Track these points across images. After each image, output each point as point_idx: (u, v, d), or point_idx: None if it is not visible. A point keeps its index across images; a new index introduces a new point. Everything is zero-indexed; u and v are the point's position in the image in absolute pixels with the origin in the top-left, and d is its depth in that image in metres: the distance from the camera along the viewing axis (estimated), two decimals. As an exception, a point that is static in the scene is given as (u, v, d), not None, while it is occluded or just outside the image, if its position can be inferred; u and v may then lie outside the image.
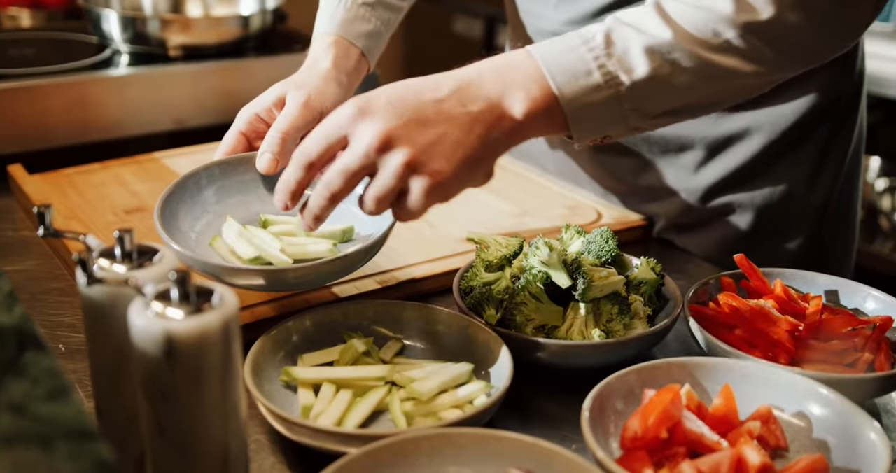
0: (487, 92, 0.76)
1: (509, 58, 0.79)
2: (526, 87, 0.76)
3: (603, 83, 0.77)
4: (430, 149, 0.74)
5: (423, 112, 0.75)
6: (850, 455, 0.72)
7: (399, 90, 0.76)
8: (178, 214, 0.92)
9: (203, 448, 0.60)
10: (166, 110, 1.54)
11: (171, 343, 0.57)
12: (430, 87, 0.76)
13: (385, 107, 0.75)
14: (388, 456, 0.68)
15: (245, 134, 0.97)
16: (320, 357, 0.84)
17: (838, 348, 0.85)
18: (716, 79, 0.80)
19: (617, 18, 0.79)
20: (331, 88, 0.98)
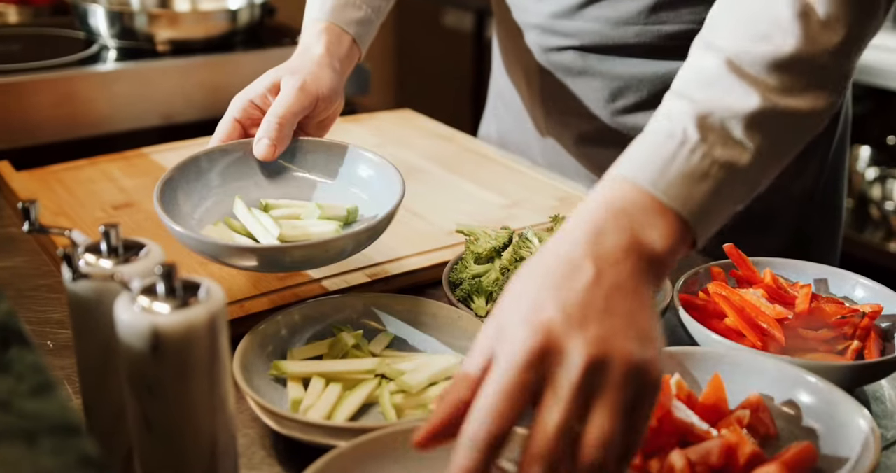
0: (626, 245, 0.62)
1: (611, 197, 0.65)
2: (654, 225, 0.64)
3: (721, 180, 0.67)
4: (630, 335, 0.59)
5: (595, 303, 0.59)
6: (840, 442, 0.72)
7: (557, 293, 0.60)
8: (179, 197, 0.92)
9: (191, 442, 0.60)
10: (154, 105, 1.53)
11: (158, 337, 0.57)
12: (574, 272, 0.61)
13: (566, 320, 0.58)
14: (377, 449, 0.68)
15: (240, 121, 0.97)
16: (310, 350, 0.84)
17: (828, 336, 0.85)
18: (796, 127, 0.72)
19: (687, 96, 0.69)
20: (325, 74, 0.97)
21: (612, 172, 0.67)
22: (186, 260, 1.02)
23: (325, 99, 0.96)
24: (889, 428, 0.80)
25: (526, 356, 0.57)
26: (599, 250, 0.62)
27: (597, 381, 0.57)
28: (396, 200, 0.88)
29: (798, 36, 0.70)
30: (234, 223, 0.93)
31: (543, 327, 0.58)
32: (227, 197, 0.96)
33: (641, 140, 0.69)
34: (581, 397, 0.56)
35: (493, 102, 1.46)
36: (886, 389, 0.85)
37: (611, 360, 0.57)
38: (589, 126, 1.23)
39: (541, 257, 0.63)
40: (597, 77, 1.18)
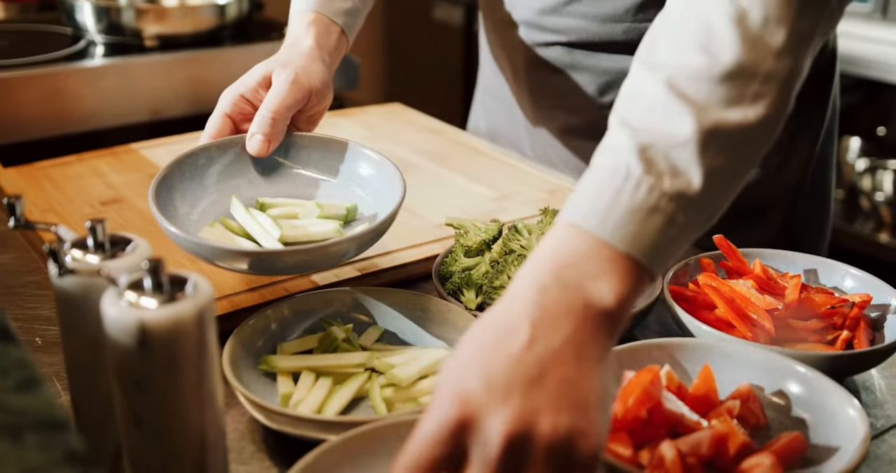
0: (568, 305, 0.59)
1: (558, 248, 0.62)
2: (603, 275, 0.60)
3: (672, 212, 0.62)
4: (562, 406, 0.56)
5: (525, 372, 0.56)
6: (830, 432, 0.72)
7: (483, 362, 0.57)
8: (175, 198, 0.89)
9: (180, 437, 0.59)
10: (142, 101, 1.53)
11: (145, 332, 0.57)
12: (507, 337, 0.58)
13: (487, 392, 0.55)
14: (368, 443, 0.68)
15: (231, 116, 0.94)
16: (299, 345, 0.83)
17: (817, 326, 0.85)
18: (745, 143, 0.66)
19: (629, 124, 0.65)
20: (316, 66, 0.95)
21: (561, 216, 0.64)
22: (175, 255, 1.01)
23: (318, 92, 0.95)
24: (879, 417, 0.80)
25: (440, 430, 0.55)
26: (538, 312, 0.58)
27: (517, 457, 0.54)
28: (398, 199, 0.86)
29: (735, 43, 0.65)
30: (232, 224, 0.91)
31: (461, 400, 0.55)
32: (222, 195, 0.94)
33: (586, 179, 0.65)
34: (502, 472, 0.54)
35: (482, 96, 1.46)
36: (876, 378, 0.86)
37: (532, 436, 0.54)
38: (577, 120, 1.23)
39: (484, 320, 0.60)
40: (584, 72, 1.18)
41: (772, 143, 0.69)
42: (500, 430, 0.54)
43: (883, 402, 0.82)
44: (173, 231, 0.81)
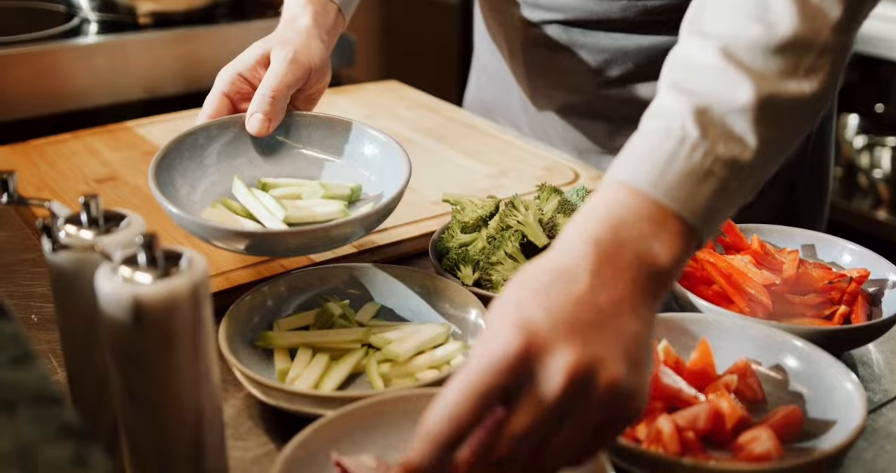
0: (626, 262, 0.58)
1: (612, 207, 0.61)
2: (658, 236, 0.60)
3: (724, 178, 0.62)
4: (621, 358, 0.55)
5: (585, 317, 0.55)
6: (827, 406, 0.72)
7: (546, 299, 0.56)
8: (175, 178, 0.88)
9: (175, 413, 0.59)
10: (137, 79, 1.52)
11: (139, 308, 0.56)
12: (566, 282, 0.57)
13: (552, 328, 0.54)
14: (365, 418, 0.68)
15: (229, 95, 0.93)
16: (296, 321, 0.83)
17: (815, 301, 0.85)
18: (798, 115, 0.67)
19: (683, 89, 0.65)
20: (315, 44, 0.93)
21: (610, 176, 0.63)
22: (171, 232, 1.01)
23: (317, 70, 0.93)
24: (876, 392, 0.80)
25: (504, 359, 0.53)
26: (597, 265, 0.57)
27: (575, 399, 0.53)
28: (404, 179, 0.85)
29: (793, 14, 0.65)
30: (234, 204, 0.90)
31: (527, 331, 0.54)
32: (223, 176, 0.92)
33: (637, 140, 0.65)
34: (556, 410, 0.53)
35: (477, 75, 1.45)
36: (874, 353, 0.86)
37: (594, 380, 0.53)
38: (575, 98, 1.22)
39: (536, 266, 0.59)
40: (582, 50, 1.17)
41: (820, 118, 0.69)
42: (565, 367, 0.53)
43: (880, 376, 0.82)
44: (175, 211, 0.80)
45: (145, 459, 0.60)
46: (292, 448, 0.63)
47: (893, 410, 0.78)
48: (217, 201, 0.90)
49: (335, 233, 0.80)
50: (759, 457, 0.66)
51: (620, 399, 0.54)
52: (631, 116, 1.18)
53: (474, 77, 1.47)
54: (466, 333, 0.82)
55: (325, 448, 0.65)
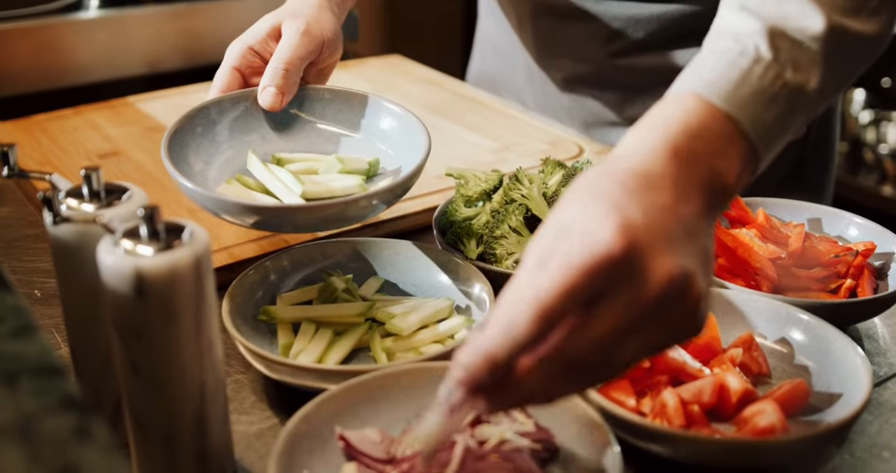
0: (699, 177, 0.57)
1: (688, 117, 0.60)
2: (727, 154, 0.60)
3: (788, 104, 0.63)
4: (709, 270, 0.56)
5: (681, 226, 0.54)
6: (833, 379, 0.72)
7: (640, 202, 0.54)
8: (188, 155, 0.86)
9: (178, 386, 0.59)
10: (138, 54, 1.51)
11: (142, 280, 0.56)
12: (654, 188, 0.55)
13: (650, 232, 0.52)
14: (368, 391, 0.68)
15: (239, 69, 0.91)
16: (299, 295, 0.83)
17: (821, 275, 0.84)
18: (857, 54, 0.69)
19: (753, 11, 0.65)
20: (327, 17, 0.91)
21: (681, 87, 0.63)
22: (173, 206, 1.01)
23: (330, 43, 0.91)
24: (882, 365, 0.79)
25: (608, 259, 0.50)
26: (678, 174, 0.56)
27: (667, 305, 0.52)
28: (424, 152, 0.84)
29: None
30: (248, 180, 0.87)
31: (629, 232, 0.51)
32: (236, 151, 0.90)
33: (709, 57, 0.64)
34: (645, 315, 0.51)
35: (481, 47, 1.44)
36: (879, 327, 0.85)
37: (689, 288, 0.52)
38: (583, 68, 1.21)
39: (615, 163, 0.57)
40: (592, 20, 1.16)
41: (871, 63, 0.71)
42: (666, 274, 0.51)
43: (886, 350, 0.82)
44: (192, 187, 0.78)
45: (149, 433, 0.60)
46: (295, 423, 0.63)
47: (899, 383, 0.77)
48: (231, 177, 0.88)
49: (355, 208, 0.78)
50: (764, 431, 0.66)
51: (701, 313, 0.54)
52: (640, 86, 1.18)
53: (478, 50, 1.46)
54: (470, 307, 0.82)
55: (329, 423, 0.65)
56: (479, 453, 0.61)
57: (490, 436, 0.62)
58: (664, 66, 1.15)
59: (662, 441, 0.64)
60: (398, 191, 0.81)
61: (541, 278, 0.50)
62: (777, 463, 0.66)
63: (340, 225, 0.83)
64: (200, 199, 0.78)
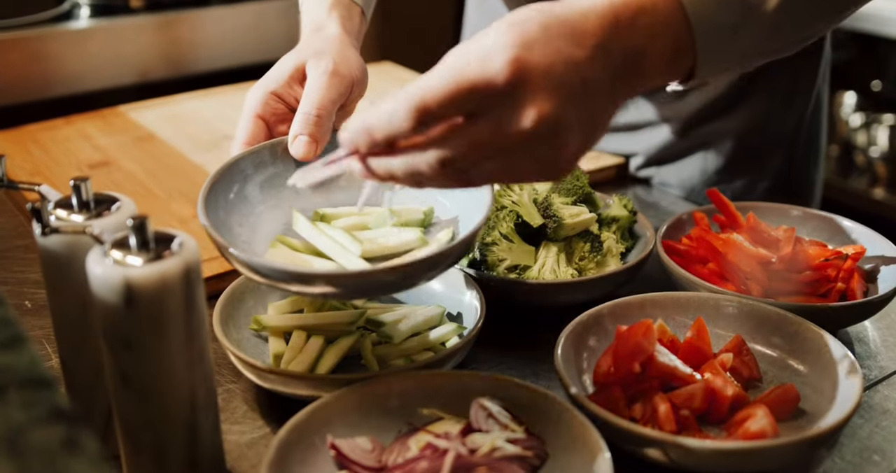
0: (632, 46, 0.60)
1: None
2: (665, 37, 0.62)
3: (738, 13, 0.64)
4: (592, 134, 0.60)
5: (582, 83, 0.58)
6: (823, 383, 0.72)
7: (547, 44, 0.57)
8: (231, 221, 0.78)
9: (169, 396, 0.59)
10: (130, 63, 1.51)
11: (131, 290, 0.56)
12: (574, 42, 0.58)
13: (545, 76, 0.56)
14: (360, 399, 0.68)
15: (263, 117, 0.83)
16: (290, 304, 0.83)
17: (811, 279, 0.85)
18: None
19: None
20: (352, 54, 0.85)
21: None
22: (164, 216, 1.01)
23: (359, 82, 0.85)
24: (872, 369, 0.80)
25: (487, 84, 0.56)
26: (605, 40, 0.59)
27: (529, 142, 0.57)
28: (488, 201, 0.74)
29: None
30: (293, 242, 0.79)
31: (521, 70, 0.56)
32: (268, 209, 0.81)
33: None
34: (507, 143, 0.57)
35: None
36: (870, 330, 0.85)
37: (554, 139, 0.57)
38: None
39: (548, 6, 0.60)
40: None
41: (833, 21, 0.71)
42: (538, 112, 0.56)
43: (876, 353, 0.82)
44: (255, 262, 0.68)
45: (140, 443, 0.60)
46: (286, 432, 0.63)
47: (889, 387, 0.77)
48: (274, 240, 0.79)
49: (431, 265, 0.68)
50: (755, 435, 0.66)
51: (563, 162, 0.59)
52: None
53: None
54: (462, 314, 0.82)
55: (320, 431, 0.65)
56: (469, 462, 0.61)
57: (481, 444, 0.62)
58: None
59: (653, 447, 0.64)
60: (467, 244, 0.71)
61: (431, 80, 0.57)
62: (768, 468, 0.66)
63: (413, 285, 0.72)
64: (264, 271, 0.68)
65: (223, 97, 1.38)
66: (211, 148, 1.20)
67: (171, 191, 1.07)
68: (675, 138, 1.18)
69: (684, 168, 1.20)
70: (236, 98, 1.38)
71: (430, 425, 0.67)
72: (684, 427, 0.68)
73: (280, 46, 0.85)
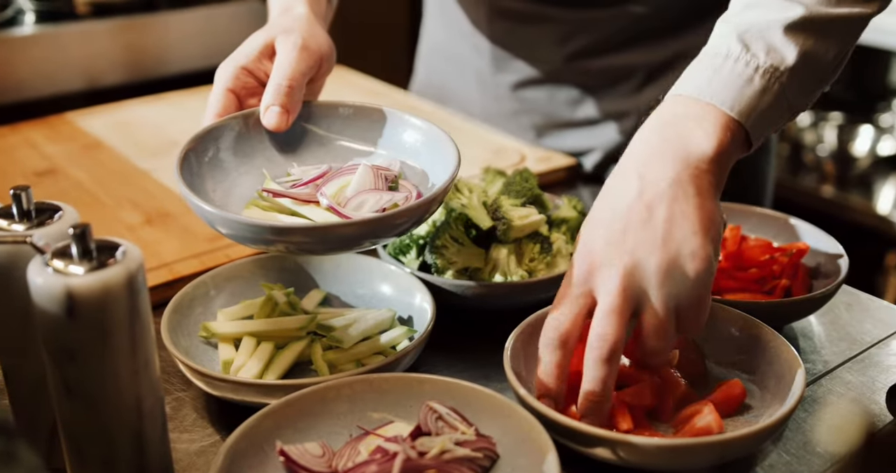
0: (671, 153, 0.68)
1: (662, 113, 0.72)
2: (700, 126, 0.69)
3: (767, 82, 0.71)
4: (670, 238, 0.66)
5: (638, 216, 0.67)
6: (768, 379, 0.73)
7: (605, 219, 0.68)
8: (206, 184, 0.79)
9: (114, 406, 0.58)
10: (77, 69, 1.49)
11: (73, 300, 0.55)
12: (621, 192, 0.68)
13: (607, 244, 0.67)
14: (309, 405, 0.68)
15: (234, 91, 0.84)
16: (240, 311, 0.82)
17: (756, 276, 0.86)
18: (849, 33, 0.76)
19: (731, 21, 0.74)
20: (319, 31, 0.87)
21: (666, 96, 0.73)
22: (114, 224, 1.00)
23: (328, 59, 0.87)
24: (816, 363, 0.81)
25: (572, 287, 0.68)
26: (643, 165, 0.67)
27: (637, 296, 0.65)
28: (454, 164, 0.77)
29: None
30: (264, 204, 0.80)
31: (588, 258, 0.67)
32: (241, 176, 0.82)
33: (692, 64, 0.74)
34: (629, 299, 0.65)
35: (427, 56, 1.45)
36: (815, 325, 0.87)
37: (645, 271, 0.65)
38: (537, 70, 1.22)
39: (607, 182, 0.71)
40: (548, 22, 1.17)
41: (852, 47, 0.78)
42: (616, 275, 0.65)
43: (821, 348, 0.83)
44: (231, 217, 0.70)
45: (86, 455, 0.60)
46: (235, 439, 0.62)
47: (832, 381, 0.79)
48: (248, 203, 0.80)
49: (394, 223, 0.72)
50: (701, 431, 0.67)
51: (680, 271, 0.66)
52: (593, 85, 1.20)
53: (423, 59, 1.46)
54: (412, 318, 0.82)
55: (270, 438, 0.65)
56: (418, 465, 0.61)
57: (430, 447, 0.63)
58: (617, 66, 1.18)
59: (601, 446, 0.64)
60: (432, 206, 0.74)
61: (597, 328, 0.66)
62: (715, 463, 0.67)
63: (379, 242, 0.74)
64: (232, 226, 0.71)
65: (173, 102, 1.37)
66: (160, 154, 1.19)
67: (119, 199, 1.06)
68: (632, 132, 1.20)
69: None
70: (187, 103, 1.37)
71: (381, 428, 0.67)
72: (633, 424, 0.69)
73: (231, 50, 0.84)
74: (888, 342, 0.84)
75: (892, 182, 2.29)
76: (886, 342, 0.84)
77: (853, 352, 0.83)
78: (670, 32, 1.16)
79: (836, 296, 0.90)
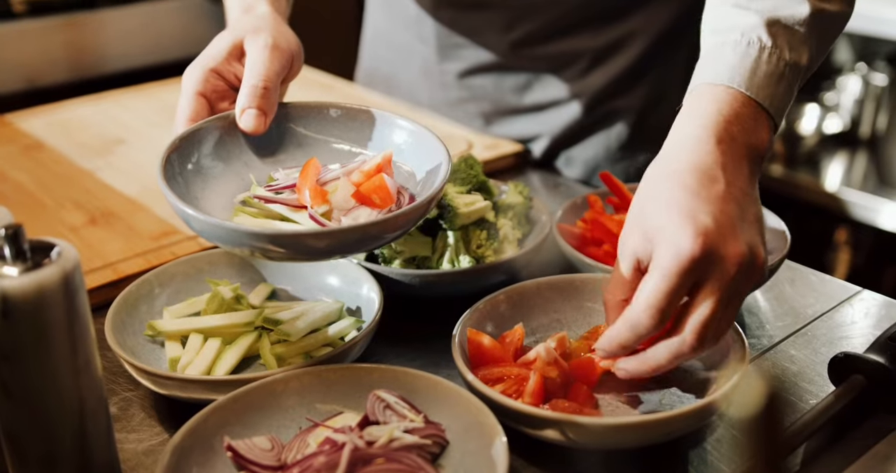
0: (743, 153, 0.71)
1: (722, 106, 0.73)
2: (758, 128, 0.73)
3: (790, 79, 0.76)
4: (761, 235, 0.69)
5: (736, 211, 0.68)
6: (713, 355, 0.74)
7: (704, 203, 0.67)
8: (192, 189, 0.77)
9: (55, 407, 0.58)
10: (15, 69, 1.46)
11: (7, 302, 0.54)
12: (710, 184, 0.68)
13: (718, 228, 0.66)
14: (257, 399, 0.67)
15: (204, 95, 0.82)
16: (186, 308, 0.82)
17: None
18: (832, 30, 0.81)
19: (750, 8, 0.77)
20: (286, 29, 0.85)
21: (704, 77, 0.75)
22: (56, 225, 0.98)
23: (298, 57, 0.85)
24: (762, 338, 0.82)
25: (687, 262, 0.64)
26: (726, 161, 0.70)
27: (743, 277, 0.66)
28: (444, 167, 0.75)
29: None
30: (251, 210, 0.77)
31: (704, 234, 0.65)
32: (223, 182, 0.79)
33: (723, 49, 0.76)
34: (728, 293, 0.66)
35: (371, 45, 1.44)
36: (760, 301, 0.88)
37: (755, 261, 0.67)
38: (483, 57, 1.22)
39: (675, 164, 0.70)
40: (492, 9, 1.17)
41: (839, 34, 0.83)
42: (737, 253, 0.66)
43: (765, 323, 0.85)
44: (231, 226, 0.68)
45: (27, 456, 0.59)
46: (181, 436, 0.62)
47: (777, 355, 0.80)
48: (235, 208, 0.78)
49: (384, 230, 0.70)
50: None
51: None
52: (540, 71, 1.21)
53: (368, 49, 1.45)
54: (360, 308, 0.82)
55: (218, 434, 0.64)
56: (367, 455, 0.61)
57: (379, 436, 0.63)
58: (562, 51, 1.18)
59: (551, 428, 0.65)
60: (422, 212, 0.73)
61: (647, 284, 0.66)
62: (663, 439, 0.68)
63: (374, 247, 0.74)
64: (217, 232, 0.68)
65: (115, 101, 1.35)
66: (103, 153, 1.17)
67: (61, 200, 1.05)
68: (579, 117, 1.21)
69: (589, 147, 1.22)
70: (129, 101, 1.35)
71: (330, 420, 0.67)
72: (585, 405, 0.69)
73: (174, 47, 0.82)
74: (831, 315, 0.86)
75: (839, 159, 2.32)
76: (829, 315, 0.86)
77: (797, 326, 0.84)
78: (614, 16, 1.17)
79: (781, 272, 0.92)
